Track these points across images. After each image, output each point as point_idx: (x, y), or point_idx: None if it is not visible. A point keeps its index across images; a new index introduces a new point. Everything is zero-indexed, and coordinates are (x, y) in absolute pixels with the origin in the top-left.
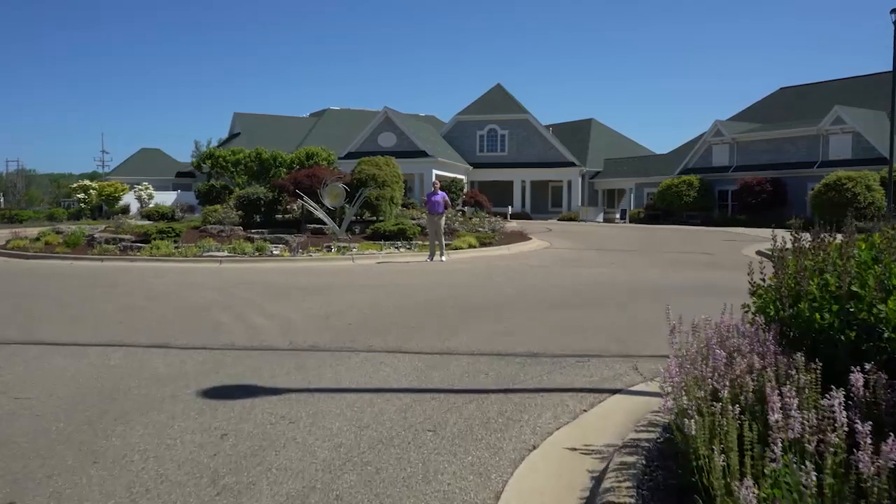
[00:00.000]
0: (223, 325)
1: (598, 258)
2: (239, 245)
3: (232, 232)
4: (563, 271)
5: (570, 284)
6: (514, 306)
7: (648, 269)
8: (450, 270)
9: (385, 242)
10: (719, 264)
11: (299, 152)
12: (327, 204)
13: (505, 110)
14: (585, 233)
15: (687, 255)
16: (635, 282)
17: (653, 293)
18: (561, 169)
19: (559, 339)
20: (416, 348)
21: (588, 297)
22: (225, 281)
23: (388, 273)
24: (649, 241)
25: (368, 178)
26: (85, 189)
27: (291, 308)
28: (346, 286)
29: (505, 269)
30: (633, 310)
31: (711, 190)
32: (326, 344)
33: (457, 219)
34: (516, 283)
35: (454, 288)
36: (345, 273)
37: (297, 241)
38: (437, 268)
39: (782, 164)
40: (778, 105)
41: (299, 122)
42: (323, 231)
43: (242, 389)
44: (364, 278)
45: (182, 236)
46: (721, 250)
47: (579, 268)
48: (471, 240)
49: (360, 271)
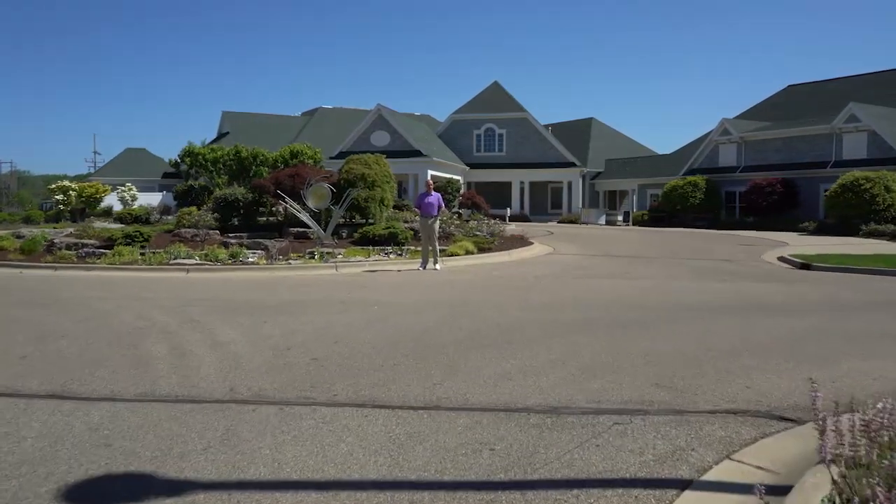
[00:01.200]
0: (154, 360)
1: (609, 266)
2: (212, 251)
3: (207, 236)
4: (573, 283)
5: (586, 300)
6: (523, 332)
7: (670, 280)
8: (444, 282)
9: (374, 248)
10: (745, 273)
11: (283, 150)
12: (311, 206)
13: (502, 109)
14: (589, 236)
15: (704, 261)
16: (660, 296)
17: (687, 311)
18: (561, 169)
19: (586, 384)
20: (396, 400)
21: (610, 317)
22: (184, 295)
23: (373, 285)
24: (659, 246)
25: (357, 177)
26: (64, 190)
27: (248, 334)
28: (321, 303)
29: (507, 280)
30: (670, 335)
31: (718, 191)
32: (277, 392)
33: (452, 222)
34: (522, 300)
35: (449, 307)
36: (324, 285)
37: (277, 246)
38: (431, 279)
39: (793, 164)
40: (786, 103)
41: (290, 121)
42: (307, 235)
43: (123, 488)
44: (345, 292)
45: (151, 241)
46: (739, 256)
47: (591, 278)
48: (468, 245)
49: (343, 283)
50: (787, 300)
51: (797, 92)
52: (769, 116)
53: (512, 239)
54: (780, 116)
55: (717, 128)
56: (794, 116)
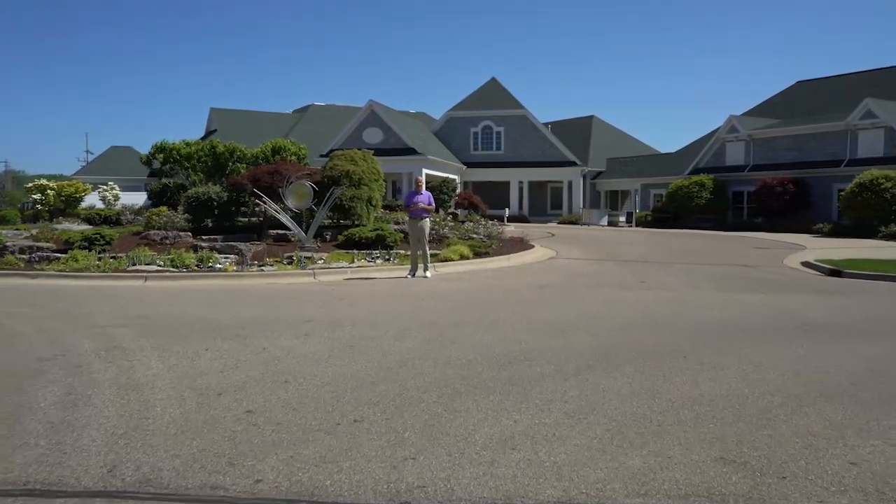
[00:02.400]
0: (32, 413)
1: (619, 273)
2: (178, 256)
3: (178, 239)
4: (583, 295)
5: (600, 319)
6: (529, 366)
7: (692, 291)
8: (434, 293)
9: (360, 252)
10: (772, 282)
11: (265, 146)
12: (291, 206)
13: (501, 106)
14: (593, 238)
15: (723, 267)
16: (687, 312)
17: (724, 333)
18: (561, 168)
19: (622, 458)
20: (347, 491)
21: (634, 343)
22: (126, 311)
23: (351, 297)
24: (669, 249)
25: (341, 175)
26: (41, 189)
27: (177, 370)
28: (285, 322)
29: (507, 291)
30: (715, 370)
31: (725, 191)
32: (175, 475)
33: (447, 223)
34: (525, 318)
35: (437, 327)
36: (295, 297)
37: (252, 250)
38: (419, 289)
39: (805, 163)
40: (796, 100)
41: (281, 118)
42: (287, 238)
43: None
44: (316, 307)
45: (113, 245)
46: (758, 261)
47: (602, 288)
48: (463, 249)
49: (317, 293)
50: (831, 317)
51: (806, 88)
52: (778, 113)
53: (511, 241)
54: (789, 113)
55: (725, 125)
56: (804, 113)
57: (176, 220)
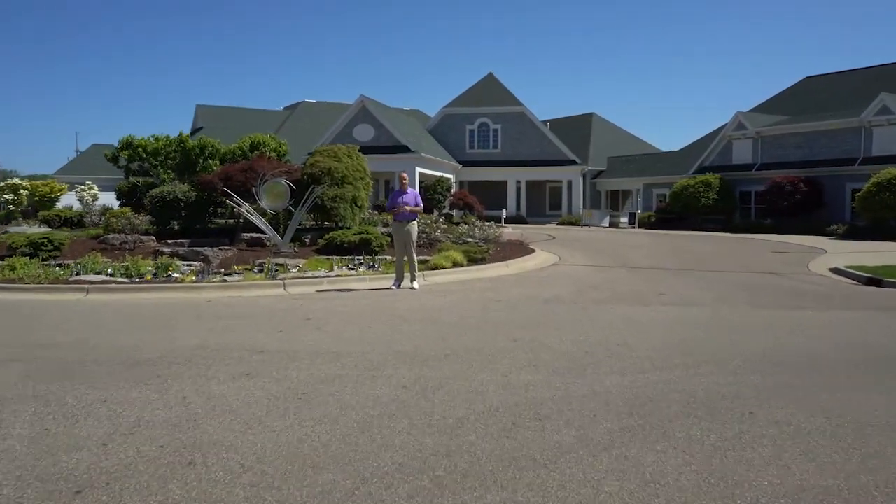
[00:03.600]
0: None
1: (633, 283)
2: (135, 264)
3: (139, 244)
4: (598, 314)
5: (627, 348)
6: (543, 431)
7: (724, 308)
8: (420, 311)
9: (341, 258)
10: (810, 294)
11: (242, 141)
12: (266, 206)
13: (498, 102)
14: (595, 241)
15: (746, 275)
16: (731, 337)
17: (794, 371)
18: (560, 168)
19: None
20: None
21: (677, 388)
22: (27, 338)
23: (321, 317)
24: (681, 254)
25: (323, 172)
26: (14, 189)
27: (37, 442)
28: (226, 354)
29: (506, 308)
30: (808, 439)
31: (732, 191)
32: None
33: (439, 226)
34: (532, 348)
35: (419, 362)
36: (254, 316)
37: (221, 256)
38: (403, 304)
39: (817, 161)
40: (804, 96)
41: (270, 115)
42: (263, 242)
43: None
44: (274, 331)
45: (64, 250)
46: (781, 266)
47: (619, 303)
48: (456, 255)
49: (281, 312)
50: None
51: (815, 84)
52: (786, 110)
53: (509, 245)
54: (798, 110)
55: (731, 122)
56: (814, 110)
57: (137, 222)
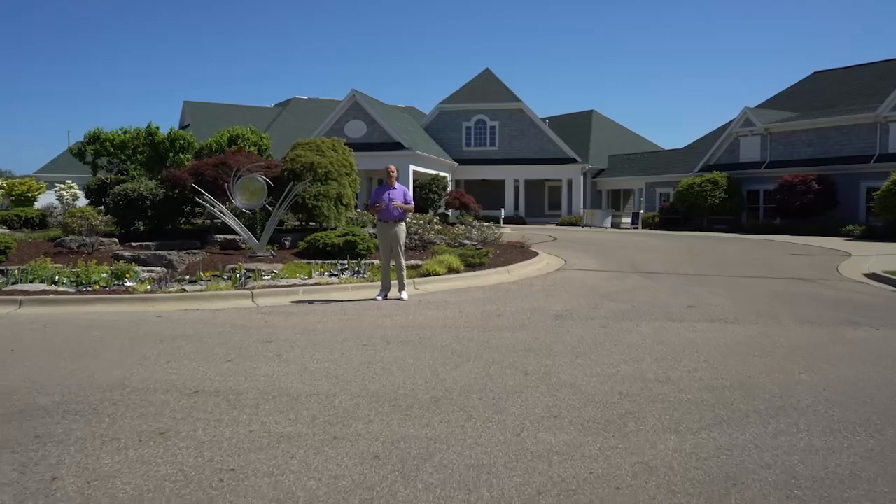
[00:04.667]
0: None
1: (653, 291)
2: (86, 270)
3: (99, 246)
4: (622, 334)
5: (672, 386)
6: None
7: (771, 323)
8: (407, 330)
9: (323, 262)
10: (858, 304)
11: (219, 135)
12: (239, 204)
13: (495, 98)
14: (600, 243)
15: (775, 281)
16: (795, 366)
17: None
18: (560, 166)
19: None
20: None
21: (765, 463)
22: None
23: (285, 339)
24: (696, 257)
25: (304, 167)
26: None
27: None
28: (145, 398)
29: (511, 326)
30: None
31: (739, 190)
32: None
33: (434, 226)
34: (550, 388)
35: (398, 413)
36: (201, 340)
37: (187, 261)
38: (388, 322)
39: (829, 159)
40: (813, 91)
41: (260, 112)
42: (238, 244)
43: None
44: (221, 360)
45: (11, 254)
46: (809, 272)
47: (644, 319)
48: (452, 260)
49: (238, 333)
50: None
51: (825, 78)
52: (795, 106)
53: (510, 248)
54: (807, 105)
55: (739, 118)
56: (825, 105)
57: (95, 223)
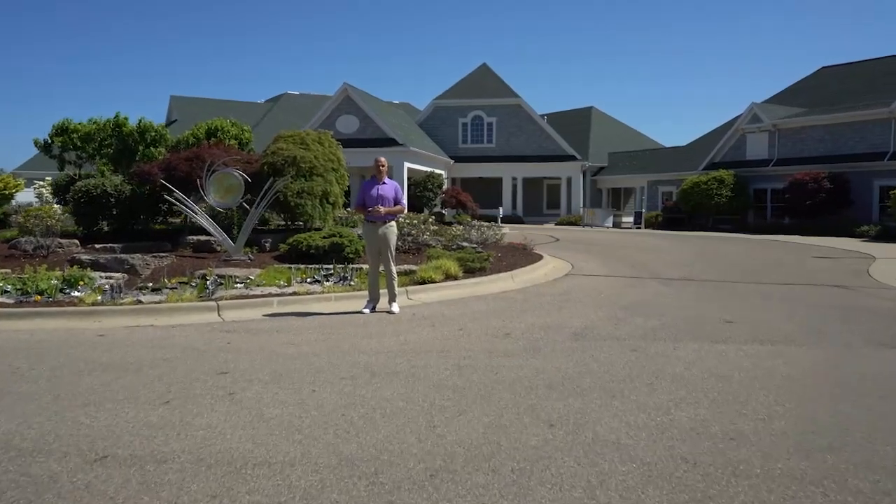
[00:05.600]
0: None
1: (679, 302)
2: (33, 277)
3: (57, 248)
4: (661, 360)
5: (744, 442)
6: None
7: (830, 343)
8: (398, 356)
9: (306, 267)
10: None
11: (197, 127)
12: (213, 202)
13: (492, 94)
14: (606, 244)
15: (813, 289)
16: (876, 406)
17: None
18: (559, 164)
19: None
20: None
21: None
22: None
23: (240, 373)
24: (714, 261)
25: (286, 162)
26: None
27: None
28: (23, 473)
29: (525, 351)
30: None
31: (745, 189)
32: None
33: (429, 226)
34: (588, 448)
35: (377, 501)
36: (140, 370)
37: (153, 266)
38: (374, 345)
39: (841, 157)
40: (822, 87)
41: (250, 108)
42: (212, 246)
43: None
44: (150, 407)
45: None
46: (842, 277)
47: (680, 339)
48: (450, 265)
49: (190, 360)
50: None
51: (833, 74)
52: (803, 102)
53: (511, 250)
54: (816, 101)
55: (745, 114)
56: (834, 101)
57: (50, 223)
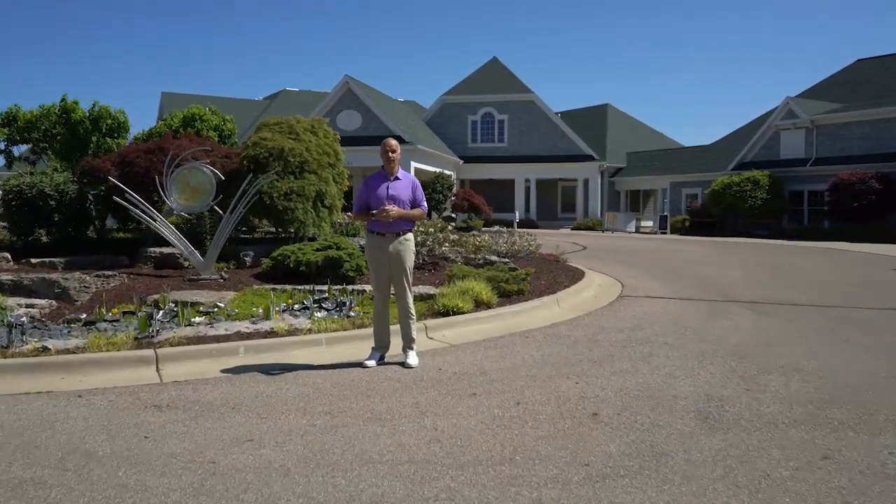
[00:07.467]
0: None
1: (802, 342)
2: None
3: None
4: (875, 485)
5: None
6: None
7: None
8: (424, 467)
9: (294, 289)
10: None
11: (171, 115)
12: (175, 205)
13: (503, 89)
14: (642, 253)
15: None
16: None
17: None
18: (575, 164)
19: None
20: None
21: None
22: None
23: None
24: (783, 276)
25: (272, 155)
26: None
27: None
28: None
29: (637, 458)
30: None
31: (781, 190)
32: None
33: (447, 235)
34: None
35: None
36: None
37: (95, 287)
38: (383, 447)
39: (890, 155)
40: (861, 81)
41: (247, 105)
42: (179, 260)
43: None
44: None
45: None
46: None
47: (879, 432)
48: (480, 288)
49: (75, 482)
50: None
51: (870, 66)
52: (841, 96)
53: (543, 263)
54: (855, 95)
55: (780, 109)
56: (872, 95)
57: None
